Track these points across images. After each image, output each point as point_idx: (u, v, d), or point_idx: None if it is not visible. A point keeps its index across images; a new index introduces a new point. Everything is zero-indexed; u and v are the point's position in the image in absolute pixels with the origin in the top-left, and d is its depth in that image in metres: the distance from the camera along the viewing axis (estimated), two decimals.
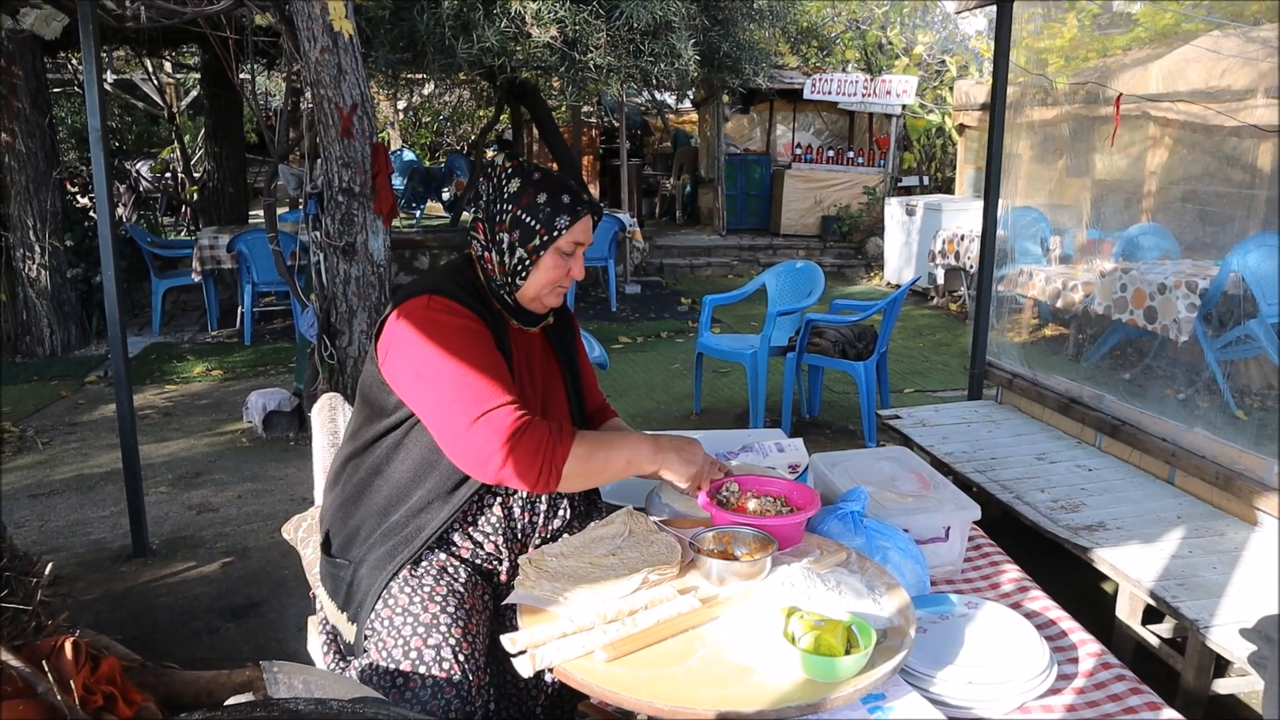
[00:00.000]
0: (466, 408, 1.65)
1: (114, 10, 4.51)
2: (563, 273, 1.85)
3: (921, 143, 12.05)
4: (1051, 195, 5.44)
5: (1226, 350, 4.79)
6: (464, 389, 1.67)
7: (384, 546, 1.77)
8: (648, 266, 10.44)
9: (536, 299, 1.87)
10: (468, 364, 1.69)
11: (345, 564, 1.82)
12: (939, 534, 2.22)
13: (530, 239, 1.80)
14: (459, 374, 1.68)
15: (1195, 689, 2.29)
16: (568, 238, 1.81)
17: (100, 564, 3.40)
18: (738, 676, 1.45)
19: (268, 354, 6.70)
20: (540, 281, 1.84)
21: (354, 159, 4.09)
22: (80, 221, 6.94)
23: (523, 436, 1.63)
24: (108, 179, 3.23)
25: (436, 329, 1.72)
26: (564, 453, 1.66)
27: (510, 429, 1.63)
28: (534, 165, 1.88)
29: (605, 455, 1.73)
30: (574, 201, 1.82)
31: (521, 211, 1.81)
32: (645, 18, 5.88)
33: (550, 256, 1.82)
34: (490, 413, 1.64)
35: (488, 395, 1.66)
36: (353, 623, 1.76)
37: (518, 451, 1.62)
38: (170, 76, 13.26)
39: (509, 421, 1.63)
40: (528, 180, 1.83)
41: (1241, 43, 4.79)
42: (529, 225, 1.80)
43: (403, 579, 1.73)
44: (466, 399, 1.66)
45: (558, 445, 1.66)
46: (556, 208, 1.80)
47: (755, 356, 4.65)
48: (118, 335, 3.32)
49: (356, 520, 1.83)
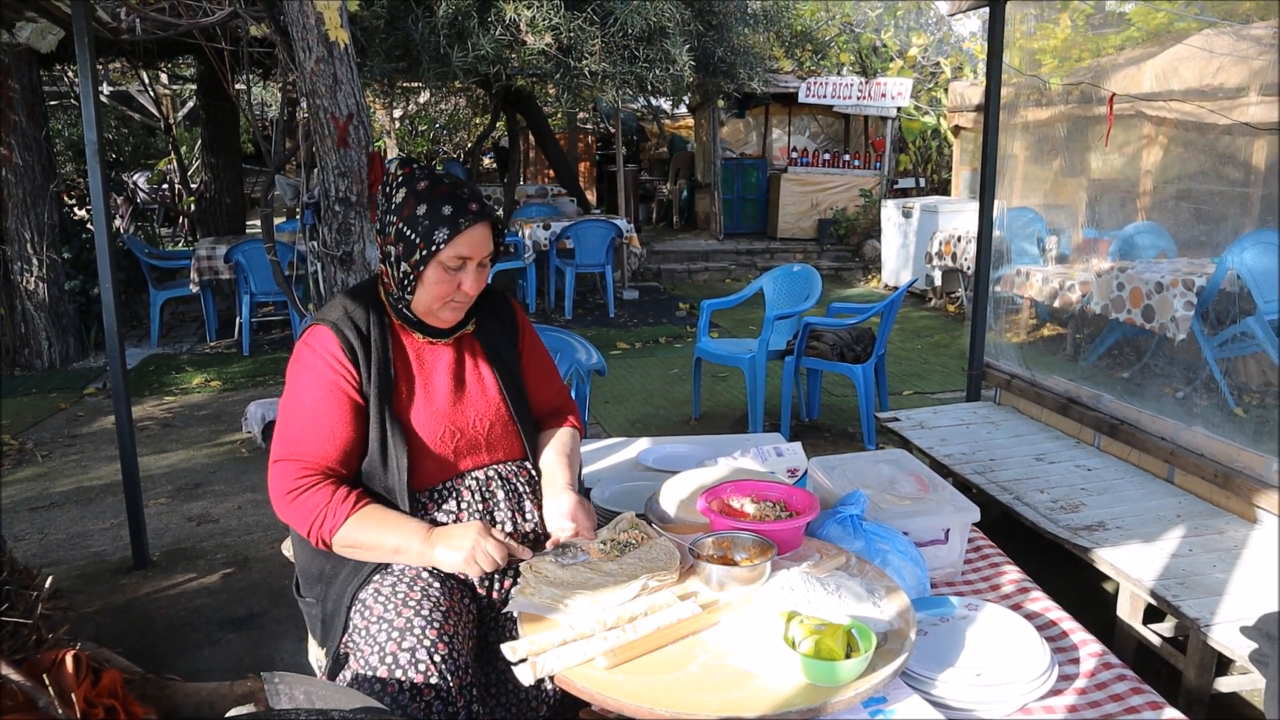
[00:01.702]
0: (278, 446, 1.77)
1: (109, 23, 4.52)
2: (450, 288, 1.78)
3: (917, 145, 12.06)
4: (1047, 195, 5.46)
5: (1224, 348, 4.80)
6: (285, 429, 1.78)
7: (341, 573, 1.80)
8: (645, 272, 10.45)
9: (430, 313, 1.83)
10: (300, 407, 1.77)
11: (314, 601, 1.85)
12: (938, 536, 2.22)
13: (412, 253, 1.75)
14: (288, 417, 1.79)
15: (1197, 688, 2.29)
16: (449, 251, 1.74)
17: (101, 576, 3.40)
18: (739, 681, 1.45)
19: (266, 364, 6.70)
20: (428, 296, 1.79)
21: (350, 168, 4.09)
22: (78, 234, 6.95)
23: (299, 496, 1.71)
24: (105, 191, 3.23)
25: (300, 363, 1.81)
26: (332, 526, 1.70)
27: (290, 485, 1.72)
28: (427, 172, 1.80)
29: (374, 539, 1.72)
30: (456, 213, 1.74)
31: (403, 224, 1.76)
32: (640, 24, 5.89)
33: (433, 270, 1.76)
34: (283, 462, 1.74)
35: (293, 444, 1.75)
36: (328, 656, 1.78)
37: (291, 509, 1.72)
38: (166, 88, 13.27)
39: (291, 477, 1.73)
40: (412, 190, 1.77)
41: (1234, 41, 4.81)
42: (410, 238, 1.75)
43: (375, 589, 1.74)
44: (282, 438, 1.78)
45: (327, 518, 1.70)
46: (436, 220, 1.73)
47: (754, 361, 4.65)
48: (116, 347, 3.32)
49: (318, 559, 1.85)
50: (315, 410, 1.76)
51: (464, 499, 1.84)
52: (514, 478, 1.91)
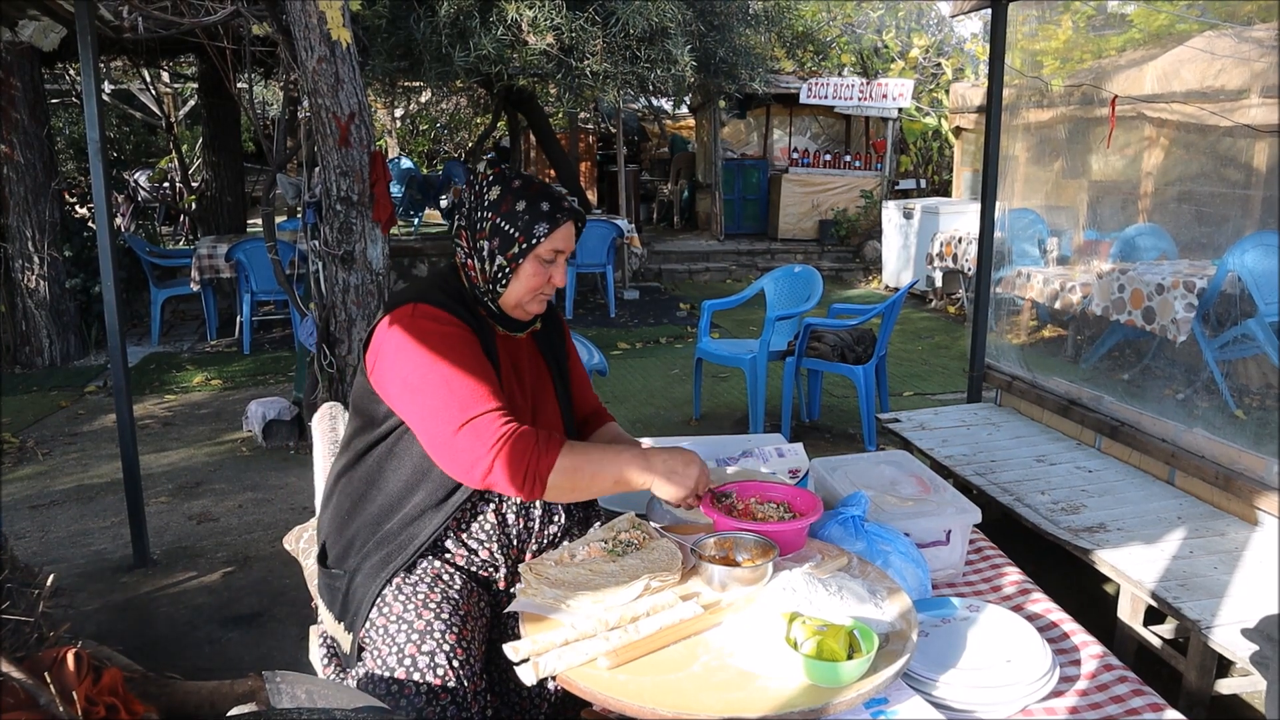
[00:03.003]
0: (452, 414, 1.65)
1: (112, 22, 4.52)
2: (543, 280, 1.84)
3: (918, 146, 12.07)
4: (1048, 197, 5.46)
5: (1225, 350, 4.80)
6: (450, 396, 1.66)
7: (378, 555, 1.78)
8: (646, 272, 10.45)
9: (519, 306, 1.87)
10: (454, 370, 1.69)
11: (341, 574, 1.83)
12: (940, 537, 2.22)
13: (510, 246, 1.80)
14: (445, 380, 1.68)
15: (1198, 690, 2.29)
16: (547, 245, 1.81)
17: (101, 575, 3.40)
18: (741, 682, 1.45)
19: (267, 363, 6.70)
20: (521, 289, 1.84)
21: (352, 167, 4.10)
22: (79, 232, 6.95)
23: (508, 443, 1.62)
24: (106, 189, 3.23)
25: (423, 336, 1.73)
26: (549, 463, 1.65)
27: (496, 436, 1.63)
28: (517, 173, 1.88)
29: (593, 470, 1.69)
30: (553, 209, 1.81)
31: (501, 219, 1.80)
32: (641, 24, 5.89)
33: (530, 264, 1.82)
34: (476, 419, 1.64)
35: (474, 401, 1.66)
36: (349, 632, 1.77)
37: (503, 458, 1.62)
38: (168, 86, 13.28)
39: (494, 428, 1.63)
40: (508, 188, 1.83)
41: (1235, 43, 4.81)
42: (508, 233, 1.80)
43: (396, 586, 1.74)
44: (453, 405, 1.66)
45: (543, 455, 1.64)
46: (535, 215, 1.80)
47: (754, 361, 4.65)
48: (117, 345, 3.32)
49: (351, 531, 1.84)
50: (472, 366, 1.71)
51: None
52: None
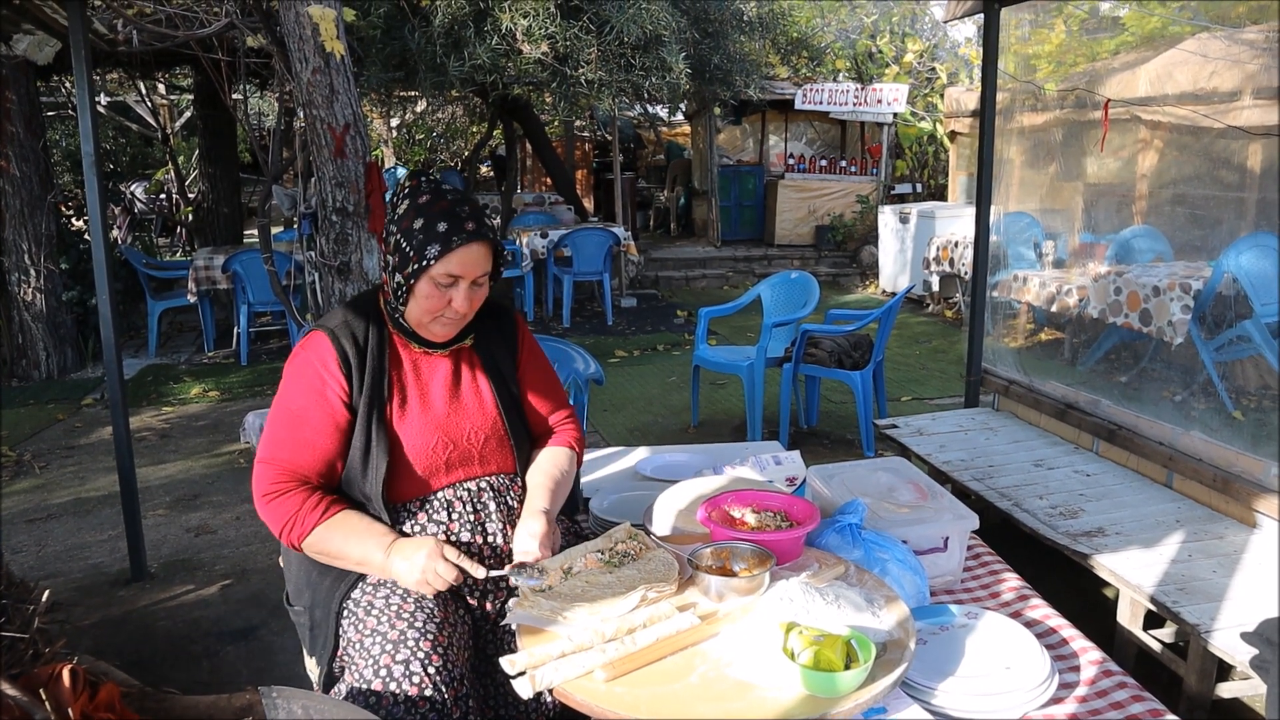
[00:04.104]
0: (261, 448, 1.82)
1: (106, 34, 4.53)
2: (440, 304, 1.77)
3: (914, 150, 12.08)
4: (1044, 200, 5.46)
5: (1222, 351, 4.80)
6: (269, 433, 1.81)
7: (325, 582, 1.81)
8: (643, 279, 10.45)
9: (421, 326, 1.82)
10: (285, 416, 1.80)
11: (302, 610, 1.85)
12: (938, 544, 2.21)
13: (405, 265, 1.75)
14: (274, 420, 1.82)
15: (1198, 694, 2.28)
16: (439, 268, 1.73)
17: (98, 588, 3.39)
18: (738, 693, 1.44)
19: (264, 374, 6.69)
20: (418, 310, 1.79)
21: (347, 178, 4.09)
22: (75, 244, 6.94)
23: (274, 499, 1.75)
24: (101, 202, 3.23)
25: (293, 370, 1.84)
26: (300, 533, 1.75)
27: (267, 487, 1.76)
28: (432, 186, 1.80)
29: (339, 549, 1.76)
30: (451, 230, 1.72)
31: (401, 235, 1.76)
32: (636, 32, 5.90)
33: (424, 285, 1.75)
34: (264, 463, 1.78)
35: (275, 449, 1.79)
36: (319, 666, 1.79)
37: (268, 510, 1.77)
38: (164, 98, 13.30)
39: (268, 480, 1.77)
40: (414, 202, 1.77)
41: (1228, 45, 4.82)
42: (405, 250, 1.75)
43: (368, 602, 1.74)
44: (265, 442, 1.81)
45: (296, 524, 1.74)
46: (430, 236, 1.72)
47: (752, 368, 4.65)
48: (113, 358, 3.32)
49: (303, 566, 1.86)
50: (300, 418, 1.79)
51: (455, 509, 1.84)
52: (505, 491, 1.91)
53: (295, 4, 3.66)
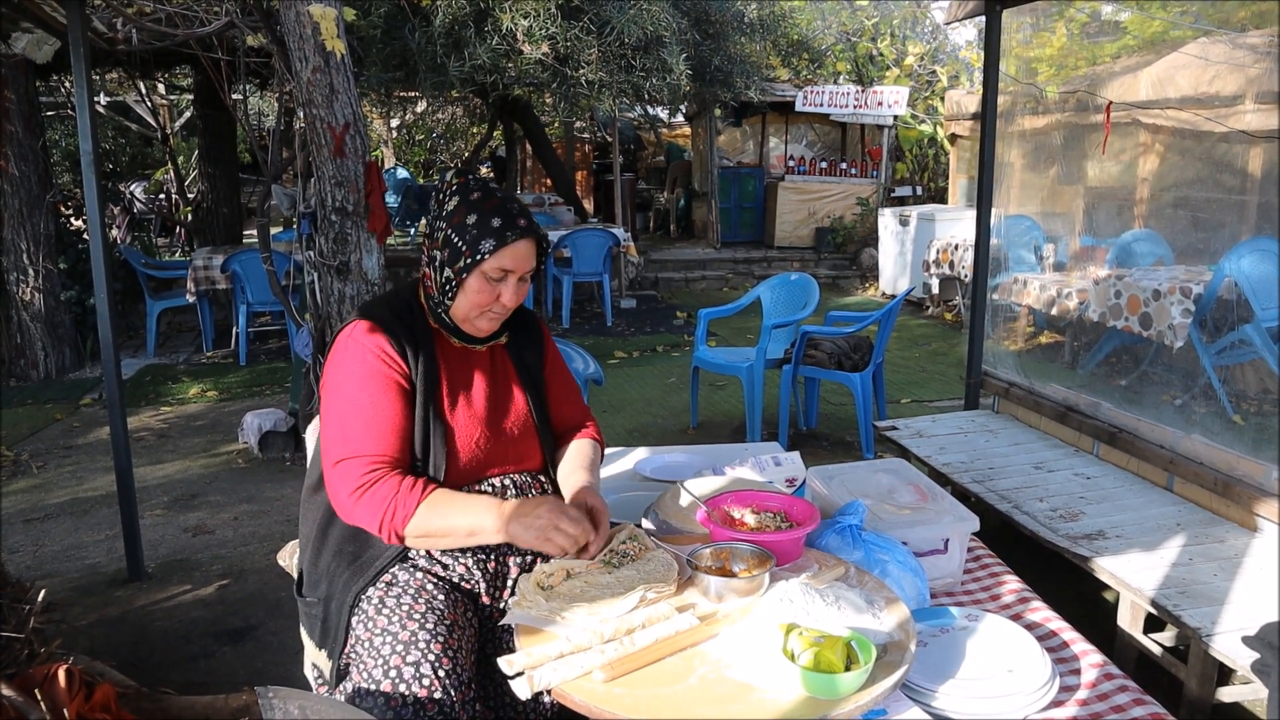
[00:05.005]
0: (334, 449, 1.73)
1: (105, 33, 4.52)
2: (490, 298, 1.80)
3: (914, 153, 12.09)
4: (1044, 203, 5.46)
5: (1222, 355, 4.80)
6: (339, 430, 1.74)
7: (344, 576, 1.79)
8: (643, 281, 10.45)
9: (467, 320, 1.84)
10: (354, 405, 1.74)
11: (315, 602, 1.83)
12: (938, 546, 2.21)
13: (457, 259, 1.77)
14: (342, 415, 1.75)
15: (1199, 698, 2.27)
16: (492, 263, 1.76)
17: (95, 589, 3.38)
18: (738, 695, 1.43)
19: (263, 374, 6.69)
20: (467, 304, 1.81)
21: (347, 178, 4.09)
22: (74, 244, 6.94)
23: (367, 491, 1.68)
24: (100, 202, 3.22)
25: (347, 361, 1.77)
26: (404, 515, 1.68)
27: (356, 484, 1.69)
28: (481, 183, 1.83)
29: (447, 524, 1.69)
30: (504, 226, 1.76)
31: (452, 230, 1.78)
32: (636, 33, 5.90)
33: (475, 280, 1.78)
34: (347, 460, 1.70)
35: (354, 442, 1.72)
36: (330, 659, 1.77)
37: (362, 505, 1.68)
38: (164, 98, 13.30)
39: (357, 474, 1.69)
40: (464, 199, 1.80)
41: (1229, 49, 4.82)
42: (456, 245, 1.77)
43: (379, 600, 1.73)
44: (337, 441, 1.73)
45: (398, 508, 1.67)
46: (483, 231, 1.76)
47: (751, 369, 4.64)
48: (111, 358, 3.31)
49: (324, 558, 1.84)
50: (373, 402, 1.74)
51: None
52: (530, 488, 1.93)
53: (295, 3, 3.66)
